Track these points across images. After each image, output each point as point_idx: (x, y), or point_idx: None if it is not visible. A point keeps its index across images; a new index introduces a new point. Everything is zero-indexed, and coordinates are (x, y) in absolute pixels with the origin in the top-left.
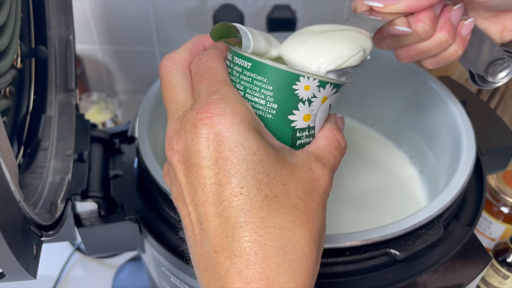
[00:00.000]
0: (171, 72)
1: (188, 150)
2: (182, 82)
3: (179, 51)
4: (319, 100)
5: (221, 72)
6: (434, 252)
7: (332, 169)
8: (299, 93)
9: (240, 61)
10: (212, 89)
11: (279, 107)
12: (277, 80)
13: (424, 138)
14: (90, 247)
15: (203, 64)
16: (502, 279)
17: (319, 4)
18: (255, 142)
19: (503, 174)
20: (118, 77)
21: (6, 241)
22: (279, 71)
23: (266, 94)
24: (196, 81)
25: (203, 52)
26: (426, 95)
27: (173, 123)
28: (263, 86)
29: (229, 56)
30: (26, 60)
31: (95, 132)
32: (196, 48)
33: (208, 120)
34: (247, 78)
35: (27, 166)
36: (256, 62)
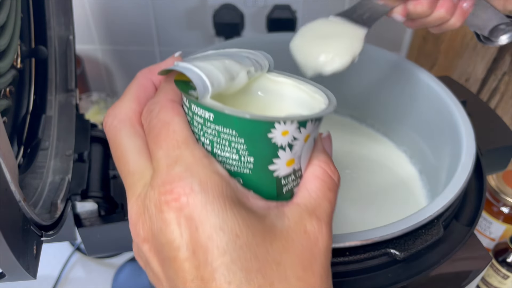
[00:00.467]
0: (119, 133)
1: (158, 240)
2: (134, 144)
3: (123, 102)
4: (301, 141)
5: (179, 128)
6: (434, 252)
7: (329, 219)
8: (277, 141)
9: (200, 111)
10: (172, 155)
11: (256, 160)
12: (247, 131)
13: (424, 138)
14: (90, 247)
15: (156, 120)
16: (502, 279)
17: (319, 4)
18: (236, 220)
19: (503, 174)
20: (118, 77)
21: (6, 241)
22: (249, 121)
23: (239, 148)
24: (151, 143)
25: (152, 101)
26: (426, 95)
27: (134, 203)
28: (232, 139)
29: (186, 102)
30: (26, 60)
31: (95, 132)
32: (145, 92)
33: (175, 203)
34: (212, 131)
35: (27, 166)
36: (219, 113)
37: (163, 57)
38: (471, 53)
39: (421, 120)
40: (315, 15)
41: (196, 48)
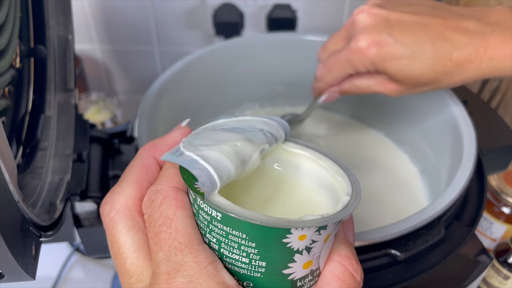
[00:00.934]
0: (115, 226)
1: None
2: (132, 240)
3: (123, 187)
4: (320, 242)
5: (183, 227)
6: (435, 252)
7: None
8: (293, 245)
9: (207, 208)
10: (173, 260)
11: (269, 265)
12: (260, 236)
13: (425, 138)
14: (89, 247)
15: (157, 214)
16: (503, 279)
17: (319, 3)
18: None
19: (504, 174)
20: (117, 77)
21: (5, 242)
22: (261, 227)
23: (249, 252)
24: (151, 240)
25: (154, 188)
26: (427, 95)
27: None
28: (242, 242)
29: (191, 193)
30: (25, 59)
31: (95, 132)
32: (147, 174)
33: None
34: (218, 231)
35: (26, 166)
36: (227, 216)
37: (163, 57)
38: None
39: (422, 120)
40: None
41: (196, 48)
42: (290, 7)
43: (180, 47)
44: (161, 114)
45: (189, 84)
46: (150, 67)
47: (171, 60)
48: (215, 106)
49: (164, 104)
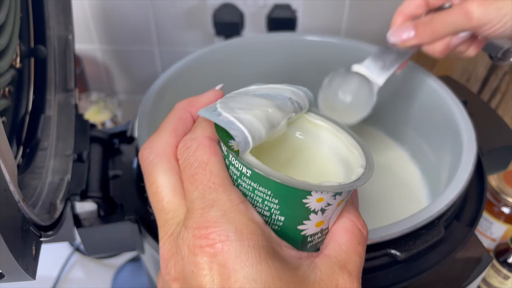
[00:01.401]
0: (154, 168)
1: (188, 281)
2: (169, 181)
3: (161, 135)
4: (334, 206)
5: (217, 170)
6: (435, 252)
7: (359, 274)
8: (310, 206)
9: (238, 164)
10: (208, 198)
11: (286, 219)
12: (283, 194)
13: (425, 138)
14: (89, 247)
15: (193, 158)
16: (503, 279)
17: (319, 3)
18: (270, 272)
19: (504, 174)
20: (117, 77)
21: (5, 242)
22: (286, 187)
23: (271, 207)
24: (186, 181)
25: (189, 136)
26: (427, 95)
27: (166, 241)
28: (266, 198)
29: (224, 148)
30: (25, 59)
31: (95, 132)
32: (183, 125)
33: (209, 248)
34: (246, 186)
35: (26, 166)
36: (257, 174)
37: (163, 57)
38: None
39: (422, 120)
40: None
41: (196, 48)
42: (290, 7)
43: (180, 47)
44: (161, 114)
45: (189, 84)
46: (150, 67)
47: (171, 60)
48: None
49: (164, 104)
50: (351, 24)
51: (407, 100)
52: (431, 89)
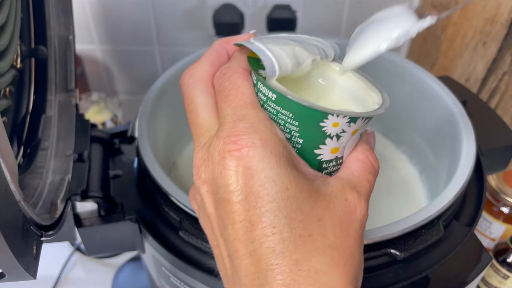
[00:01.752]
0: (193, 90)
1: (216, 182)
2: (205, 102)
3: (200, 64)
4: (348, 134)
5: (248, 92)
6: (434, 252)
7: (367, 196)
8: (327, 130)
9: (265, 90)
10: (239, 113)
11: (304, 142)
12: (303, 116)
13: (424, 138)
14: (90, 247)
15: (228, 82)
16: (502, 279)
17: (319, 3)
18: (288, 176)
19: (503, 174)
20: (118, 77)
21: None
22: (306, 108)
23: (291, 129)
24: (220, 101)
25: (226, 65)
26: (426, 95)
27: (199, 150)
28: (288, 120)
29: (253, 79)
30: (26, 60)
31: (95, 132)
32: (219, 58)
33: (237, 152)
34: (271, 109)
35: (27, 166)
36: (281, 96)
37: (163, 57)
38: (471, 53)
39: (421, 120)
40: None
41: (196, 48)
42: (290, 7)
43: (180, 47)
44: (161, 114)
45: None
46: (150, 67)
47: (171, 60)
48: None
49: (165, 104)
50: (351, 24)
51: (406, 101)
52: (431, 89)
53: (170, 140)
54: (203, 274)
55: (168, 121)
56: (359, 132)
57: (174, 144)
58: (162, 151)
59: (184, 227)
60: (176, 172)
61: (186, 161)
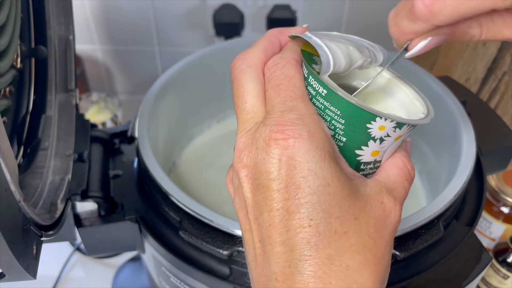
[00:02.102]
0: (244, 75)
1: (258, 168)
2: (255, 88)
3: (253, 50)
4: (392, 139)
5: (299, 84)
6: (434, 252)
7: (402, 202)
8: (372, 132)
9: (315, 84)
10: (288, 104)
11: (347, 141)
12: (351, 115)
13: (424, 138)
14: (90, 247)
15: (280, 72)
16: (502, 279)
17: (319, 4)
18: (330, 172)
19: (503, 174)
20: (118, 77)
21: (6, 241)
22: (355, 107)
23: (337, 126)
24: (270, 89)
25: (279, 55)
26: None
27: (243, 135)
28: (335, 117)
29: (304, 72)
30: (26, 60)
31: (95, 132)
32: (272, 47)
33: (283, 142)
34: (319, 104)
35: (27, 166)
36: (332, 92)
37: (163, 57)
38: (471, 53)
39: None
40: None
41: (196, 48)
42: (290, 7)
43: (180, 48)
44: (161, 114)
45: (189, 85)
46: (150, 67)
47: (171, 60)
48: (216, 107)
49: (165, 104)
50: (351, 24)
51: None
52: (431, 89)
53: (170, 140)
54: (203, 274)
55: (168, 121)
56: (402, 139)
57: (174, 144)
58: (162, 151)
59: (184, 227)
60: (176, 172)
61: (186, 161)
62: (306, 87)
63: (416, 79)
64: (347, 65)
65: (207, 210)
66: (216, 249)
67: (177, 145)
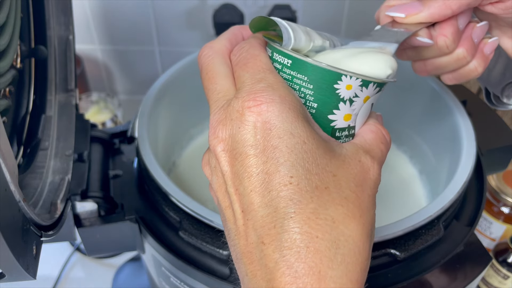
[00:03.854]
0: (212, 60)
1: (234, 139)
2: (223, 70)
3: (219, 39)
4: (361, 100)
5: (265, 60)
6: (434, 252)
7: (380, 162)
8: (340, 93)
9: (280, 58)
10: (257, 77)
11: (319, 106)
12: (318, 78)
13: (424, 138)
14: (90, 247)
15: (246, 53)
16: (502, 279)
17: (319, 4)
18: (305, 130)
19: (503, 174)
20: (118, 77)
21: (6, 241)
22: (321, 69)
23: (306, 93)
24: (239, 69)
25: (244, 41)
26: (426, 95)
27: (216, 112)
28: (303, 84)
29: (268, 52)
30: (26, 60)
31: (95, 132)
32: (236, 38)
33: (256, 108)
34: (286, 76)
35: (27, 166)
36: (296, 59)
37: (163, 57)
38: None
39: (421, 120)
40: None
41: (196, 48)
42: (290, 7)
43: (180, 47)
44: (161, 114)
45: (189, 84)
46: (150, 67)
47: (171, 60)
48: None
49: (164, 104)
50: (351, 24)
51: (406, 100)
52: (431, 89)
53: (170, 140)
54: (203, 274)
55: (168, 121)
56: (370, 102)
57: (174, 144)
58: (162, 151)
59: (184, 227)
60: (176, 172)
61: (186, 161)
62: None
63: (416, 79)
64: (306, 40)
65: (207, 210)
66: (216, 249)
67: (177, 145)
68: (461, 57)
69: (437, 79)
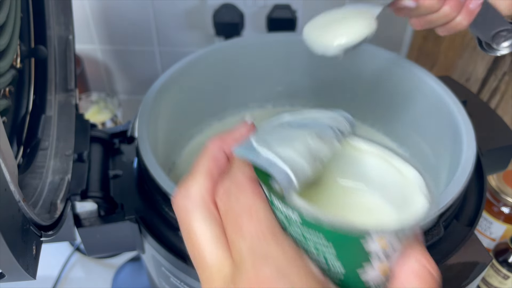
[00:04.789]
0: (192, 216)
1: None
2: (210, 231)
3: (196, 179)
4: (398, 247)
5: (263, 215)
6: (434, 252)
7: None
8: (371, 249)
9: (283, 209)
10: (258, 251)
11: (346, 268)
12: (338, 238)
13: (425, 138)
14: (89, 247)
15: (235, 203)
16: (502, 279)
17: (319, 3)
18: None
19: (503, 174)
20: (117, 77)
21: (5, 241)
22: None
23: (327, 256)
24: (230, 230)
25: (228, 178)
26: (427, 95)
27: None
28: (320, 243)
29: (266, 192)
30: (25, 60)
31: (95, 132)
32: (217, 165)
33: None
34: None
35: (27, 166)
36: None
37: (163, 57)
38: (472, 53)
39: (421, 120)
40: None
41: (196, 48)
42: (290, 7)
43: (180, 47)
44: (161, 114)
45: (189, 85)
46: (150, 67)
47: (171, 60)
48: (215, 106)
49: (164, 104)
50: None
51: (406, 100)
52: (431, 89)
53: (170, 140)
54: None
55: (168, 121)
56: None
57: (174, 144)
58: (162, 151)
59: None
60: (176, 172)
61: (186, 161)
62: (273, 212)
63: (416, 79)
64: (313, 166)
65: None
66: None
67: (177, 145)
68: (447, 13)
69: (438, 79)
